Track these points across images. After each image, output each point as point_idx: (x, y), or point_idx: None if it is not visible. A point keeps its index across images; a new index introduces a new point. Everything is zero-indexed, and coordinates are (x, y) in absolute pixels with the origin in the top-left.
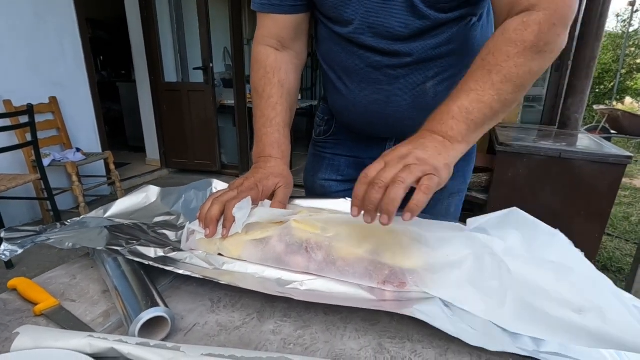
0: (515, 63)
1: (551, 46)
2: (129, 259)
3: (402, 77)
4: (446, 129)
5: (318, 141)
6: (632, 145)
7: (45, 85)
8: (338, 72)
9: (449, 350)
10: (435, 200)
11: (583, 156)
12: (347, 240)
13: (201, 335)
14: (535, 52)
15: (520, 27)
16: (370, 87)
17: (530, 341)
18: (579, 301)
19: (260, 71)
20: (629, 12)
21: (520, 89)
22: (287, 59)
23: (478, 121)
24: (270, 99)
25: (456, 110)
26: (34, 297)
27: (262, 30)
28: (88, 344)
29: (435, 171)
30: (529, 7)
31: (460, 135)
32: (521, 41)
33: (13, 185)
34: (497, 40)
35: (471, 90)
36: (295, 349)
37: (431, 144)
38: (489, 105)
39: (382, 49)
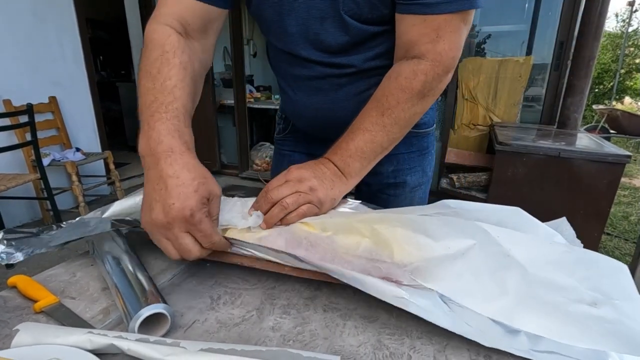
0: (403, 108)
1: (434, 91)
2: (132, 255)
3: (345, 85)
4: (344, 165)
5: (278, 139)
6: (631, 145)
7: (45, 85)
8: (286, 79)
9: (448, 347)
10: (398, 196)
11: (582, 155)
12: (345, 239)
13: (201, 331)
14: (420, 97)
15: (410, 76)
16: (315, 94)
17: (526, 339)
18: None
19: (155, 51)
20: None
21: (406, 128)
22: (191, 47)
23: (370, 158)
24: (167, 81)
25: (353, 149)
26: (34, 294)
27: (164, 9)
28: (88, 340)
29: (319, 203)
30: (419, 55)
31: (354, 172)
32: (409, 89)
33: (13, 184)
34: (390, 84)
35: (366, 131)
36: (294, 345)
37: (330, 176)
38: (379, 144)
39: (323, 62)
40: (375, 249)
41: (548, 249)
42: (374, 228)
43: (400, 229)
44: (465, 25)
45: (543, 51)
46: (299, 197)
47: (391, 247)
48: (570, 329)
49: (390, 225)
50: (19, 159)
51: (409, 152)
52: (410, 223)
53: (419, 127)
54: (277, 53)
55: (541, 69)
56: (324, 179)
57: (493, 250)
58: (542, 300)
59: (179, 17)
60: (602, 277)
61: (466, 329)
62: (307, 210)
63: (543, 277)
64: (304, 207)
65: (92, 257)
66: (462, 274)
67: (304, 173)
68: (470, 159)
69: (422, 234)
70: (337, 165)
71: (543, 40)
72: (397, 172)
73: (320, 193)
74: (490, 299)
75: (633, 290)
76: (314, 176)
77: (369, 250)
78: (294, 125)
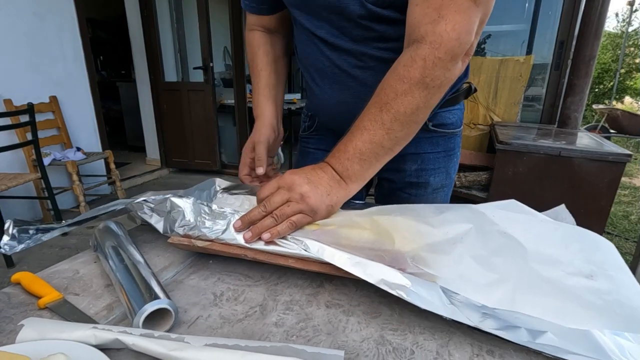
0: (402, 101)
1: (438, 81)
2: (135, 252)
3: (369, 77)
4: (342, 168)
5: (303, 137)
6: (631, 145)
7: (46, 85)
8: (311, 73)
9: (451, 342)
10: (419, 196)
11: (583, 154)
12: (348, 232)
13: (204, 327)
14: (421, 88)
15: (408, 63)
16: (338, 88)
17: (526, 333)
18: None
19: (251, 51)
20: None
21: (409, 125)
22: (273, 37)
23: (371, 160)
24: (256, 68)
25: (351, 151)
26: (38, 290)
27: (250, 19)
28: (93, 335)
29: (311, 212)
30: (418, 39)
31: (354, 175)
32: (407, 78)
33: (13, 184)
34: (389, 75)
35: (365, 129)
36: (297, 341)
37: (326, 181)
38: (379, 144)
39: (345, 49)
40: (377, 239)
41: (542, 227)
42: (374, 219)
43: (400, 218)
44: (476, 5)
45: (543, 51)
46: (291, 207)
47: (392, 236)
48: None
49: (390, 215)
50: (19, 158)
51: (435, 152)
52: (409, 212)
53: (446, 127)
54: (304, 44)
55: (541, 69)
56: (318, 184)
57: (490, 230)
58: (540, 277)
59: (260, 25)
60: (593, 250)
61: (466, 320)
62: (297, 220)
63: (540, 252)
64: (294, 217)
65: (95, 253)
66: (462, 258)
67: (297, 179)
68: (471, 158)
69: (422, 221)
70: (335, 169)
71: (543, 40)
72: (420, 172)
73: (313, 200)
74: (491, 285)
75: (622, 263)
76: (307, 182)
77: (371, 241)
78: (319, 122)
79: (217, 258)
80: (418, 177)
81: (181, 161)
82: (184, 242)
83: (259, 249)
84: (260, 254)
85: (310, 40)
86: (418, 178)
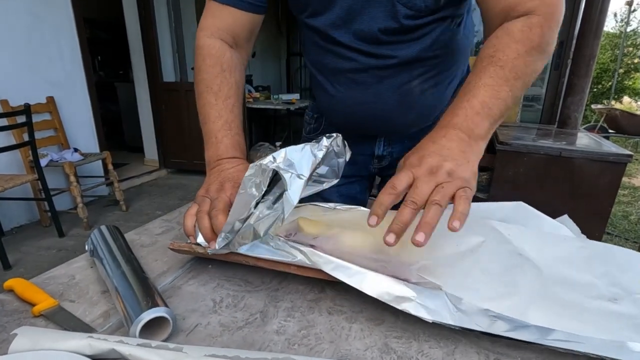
0: (525, 61)
1: (550, 47)
2: (132, 257)
3: (388, 77)
4: (472, 125)
5: (309, 139)
6: (630, 145)
7: (43, 85)
8: (325, 74)
9: (457, 350)
10: None
11: (583, 155)
12: (350, 239)
13: (203, 335)
14: (539, 51)
15: (525, 29)
16: (357, 88)
17: (536, 330)
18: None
19: (215, 67)
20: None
21: (526, 86)
22: (239, 59)
23: (497, 117)
24: (228, 100)
25: (478, 106)
26: (32, 297)
27: (216, 21)
28: (88, 345)
29: (467, 184)
30: (527, 12)
31: (484, 131)
32: (528, 40)
33: (10, 185)
34: (503, 39)
35: (488, 86)
36: (299, 350)
37: (457, 146)
38: (504, 101)
39: (366, 52)
40: (382, 247)
41: (562, 246)
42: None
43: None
44: None
45: None
46: (447, 188)
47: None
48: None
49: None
50: (16, 159)
51: None
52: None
53: None
54: (316, 47)
55: None
56: (453, 156)
57: (505, 249)
58: (558, 298)
59: (230, 31)
60: (621, 271)
61: (474, 326)
62: (466, 194)
63: (558, 275)
64: (461, 192)
65: (91, 258)
66: (470, 271)
67: (429, 160)
68: None
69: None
70: (461, 129)
71: None
72: None
73: (462, 173)
74: (500, 297)
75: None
76: (443, 158)
77: (375, 251)
78: (327, 123)
79: (217, 263)
80: None
81: (180, 162)
82: (184, 247)
83: (260, 257)
84: (262, 261)
85: (327, 43)
86: None
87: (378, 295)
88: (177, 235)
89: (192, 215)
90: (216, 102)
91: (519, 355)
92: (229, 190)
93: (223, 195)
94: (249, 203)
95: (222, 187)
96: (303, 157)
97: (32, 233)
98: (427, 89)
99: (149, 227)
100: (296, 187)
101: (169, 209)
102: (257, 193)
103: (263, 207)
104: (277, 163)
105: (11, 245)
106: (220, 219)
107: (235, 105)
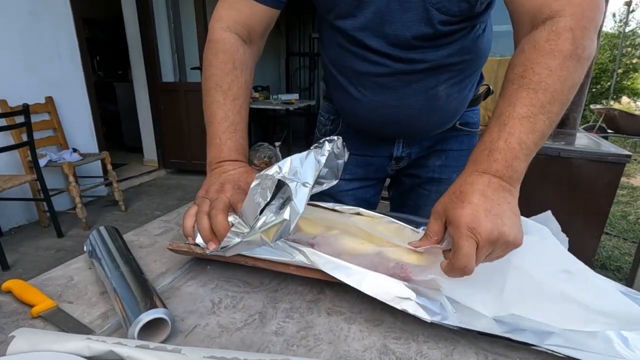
0: (559, 77)
1: (588, 51)
2: (131, 258)
3: (416, 81)
4: (512, 172)
5: None
6: (628, 145)
7: (41, 85)
8: (349, 76)
9: (455, 351)
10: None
11: (582, 155)
12: (352, 238)
13: (202, 337)
14: (575, 60)
15: (553, 37)
16: (383, 91)
17: (532, 336)
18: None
19: (228, 64)
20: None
21: (566, 105)
22: (251, 56)
23: (534, 152)
24: (237, 100)
25: (517, 147)
26: (30, 299)
27: (234, 13)
28: (86, 347)
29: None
30: (553, 15)
31: (519, 175)
32: (558, 51)
33: (9, 186)
34: (530, 54)
35: (523, 119)
36: (298, 351)
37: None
38: (541, 133)
39: (393, 56)
40: (381, 248)
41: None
42: (380, 230)
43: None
44: None
45: None
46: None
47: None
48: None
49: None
50: (15, 159)
51: (460, 150)
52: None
53: (470, 126)
54: (339, 48)
55: None
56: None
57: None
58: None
59: (247, 25)
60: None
61: (473, 327)
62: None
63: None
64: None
65: (90, 259)
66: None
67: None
68: None
69: None
70: (503, 177)
71: None
72: (443, 168)
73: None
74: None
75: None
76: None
77: (375, 249)
78: (345, 125)
79: (216, 264)
80: (441, 173)
81: (179, 162)
82: (183, 248)
83: (259, 257)
84: (260, 261)
85: (353, 46)
86: (440, 174)
87: (377, 295)
88: (176, 236)
89: (191, 215)
90: (224, 101)
91: (517, 356)
92: (229, 191)
93: (222, 196)
94: (255, 211)
95: (222, 188)
96: (307, 164)
97: (31, 233)
98: (452, 93)
99: (148, 227)
100: (302, 196)
101: (168, 209)
102: (263, 201)
103: (269, 212)
104: (283, 173)
105: (10, 246)
106: (219, 219)
107: (243, 107)
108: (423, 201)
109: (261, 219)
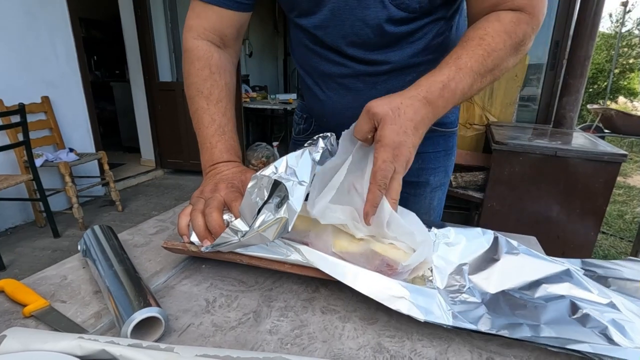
0: (506, 54)
1: (526, 47)
2: (125, 257)
3: (380, 83)
4: (441, 103)
5: (298, 140)
6: (625, 144)
7: (38, 85)
8: (314, 77)
9: (450, 348)
10: (418, 196)
11: (578, 154)
12: (340, 237)
13: (196, 335)
14: (520, 51)
15: (515, 21)
16: (347, 93)
17: (528, 329)
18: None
19: (204, 70)
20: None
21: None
22: (228, 59)
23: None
24: (220, 103)
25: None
26: (23, 298)
27: (203, 22)
28: (78, 346)
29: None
30: (516, 8)
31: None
32: (514, 34)
33: (4, 186)
34: (493, 25)
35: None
36: (292, 349)
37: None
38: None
39: (357, 57)
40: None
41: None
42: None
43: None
44: None
45: (538, 51)
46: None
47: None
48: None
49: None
50: (10, 159)
51: (436, 152)
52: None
53: (446, 126)
54: (304, 49)
55: (537, 69)
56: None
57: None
58: None
59: (217, 31)
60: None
61: (467, 325)
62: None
63: None
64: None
65: (84, 259)
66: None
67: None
68: (467, 158)
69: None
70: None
71: (538, 40)
72: (420, 171)
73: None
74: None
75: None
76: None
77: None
78: (317, 125)
79: (210, 262)
80: (418, 177)
81: (176, 162)
82: (178, 246)
83: (254, 255)
84: (255, 259)
85: (315, 45)
86: (418, 177)
87: (371, 294)
88: (171, 235)
89: (186, 214)
90: (208, 106)
91: (512, 353)
92: (223, 190)
93: (217, 194)
94: (253, 210)
95: (216, 187)
96: (303, 163)
97: (27, 234)
98: None
99: (143, 227)
100: (298, 195)
101: (165, 209)
102: (261, 201)
103: (267, 211)
104: (279, 173)
105: (5, 246)
106: (214, 217)
107: (227, 108)
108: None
109: (259, 218)
